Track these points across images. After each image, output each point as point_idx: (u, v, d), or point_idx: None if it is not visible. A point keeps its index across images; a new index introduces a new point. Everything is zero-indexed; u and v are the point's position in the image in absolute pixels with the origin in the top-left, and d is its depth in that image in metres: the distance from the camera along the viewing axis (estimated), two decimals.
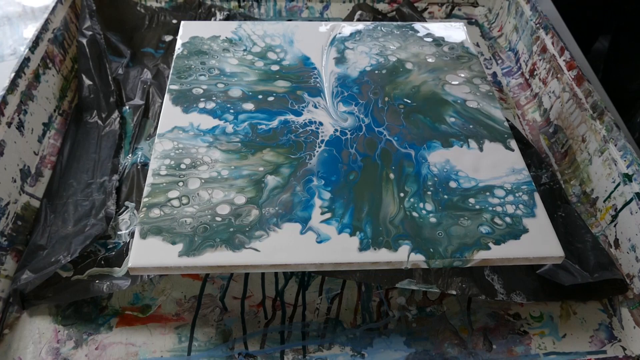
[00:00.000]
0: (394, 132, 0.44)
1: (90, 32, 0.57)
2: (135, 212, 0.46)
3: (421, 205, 0.39)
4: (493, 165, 0.42)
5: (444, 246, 0.36)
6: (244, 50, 0.51)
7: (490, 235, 0.37)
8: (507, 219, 0.38)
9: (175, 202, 0.38)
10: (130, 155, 0.51)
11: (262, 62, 0.50)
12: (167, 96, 0.46)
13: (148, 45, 0.63)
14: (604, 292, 0.44)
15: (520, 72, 0.64)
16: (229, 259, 0.35)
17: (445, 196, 0.39)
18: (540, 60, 0.60)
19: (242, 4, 0.70)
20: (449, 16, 0.74)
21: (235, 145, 0.42)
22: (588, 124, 0.50)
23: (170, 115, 0.44)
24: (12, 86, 0.47)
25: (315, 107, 0.46)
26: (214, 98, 0.46)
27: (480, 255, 0.36)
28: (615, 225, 0.45)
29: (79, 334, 0.40)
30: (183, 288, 0.44)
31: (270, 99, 0.46)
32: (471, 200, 0.39)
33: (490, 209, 0.39)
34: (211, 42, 0.51)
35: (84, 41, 0.57)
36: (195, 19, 0.67)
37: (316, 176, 0.40)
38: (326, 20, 0.71)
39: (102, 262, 0.43)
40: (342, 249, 0.36)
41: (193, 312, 0.42)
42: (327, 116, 0.45)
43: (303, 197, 0.39)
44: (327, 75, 0.49)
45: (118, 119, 0.53)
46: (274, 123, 0.44)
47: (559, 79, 0.55)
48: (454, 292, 0.41)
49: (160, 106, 0.52)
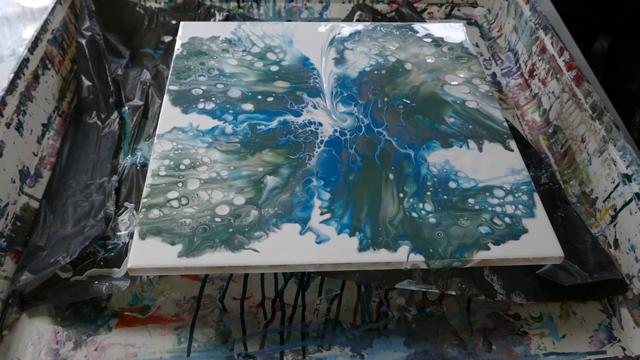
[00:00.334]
0: (393, 133, 0.44)
1: (89, 33, 0.57)
2: (134, 212, 0.46)
3: (420, 205, 0.39)
4: (492, 166, 0.42)
5: (443, 246, 0.36)
6: (244, 50, 0.51)
7: (489, 235, 0.37)
8: (507, 220, 0.38)
9: (175, 203, 0.38)
10: (129, 156, 0.51)
11: (262, 63, 0.50)
12: (166, 97, 0.45)
13: (147, 45, 0.63)
14: (604, 292, 0.44)
15: (519, 73, 0.64)
16: (228, 259, 0.35)
17: (445, 196, 0.39)
18: (539, 60, 0.60)
19: (241, 5, 0.70)
20: (448, 16, 0.74)
21: (234, 146, 0.42)
22: (587, 124, 0.50)
23: (169, 115, 0.44)
24: (11, 87, 0.47)
25: (315, 107, 0.46)
26: (213, 99, 0.46)
27: (479, 256, 0.36)
28: (614, 226, 0.45)
29: (78, 335, 0.40)
30: (182, 289, 0.44)
31: (270, 99, 0.46)
32: (471, 201, 0.39)
33: (490, 209, 0.39)
34: (210, 43, 0.51)
35: (83, 42, 0.57)
36: (194, 20, 0.67)
37: (315, 177, 0.40)
38: (325, 21, 0.71)
39: (102, 263, 0.43)
40: (341, 250, 0.36)
41: (192, 313, 0.42)
42: (326, 117, 0.45)
43: (302, 198, 0.39)
44: (327, 76, 0.49)
45: (117, 119, 0.53)
46: (274, 123, 0.44)
47: (559, 80, 0.55)
48: (453, 293, 0.41)
49: (160, 107, 0.52)
